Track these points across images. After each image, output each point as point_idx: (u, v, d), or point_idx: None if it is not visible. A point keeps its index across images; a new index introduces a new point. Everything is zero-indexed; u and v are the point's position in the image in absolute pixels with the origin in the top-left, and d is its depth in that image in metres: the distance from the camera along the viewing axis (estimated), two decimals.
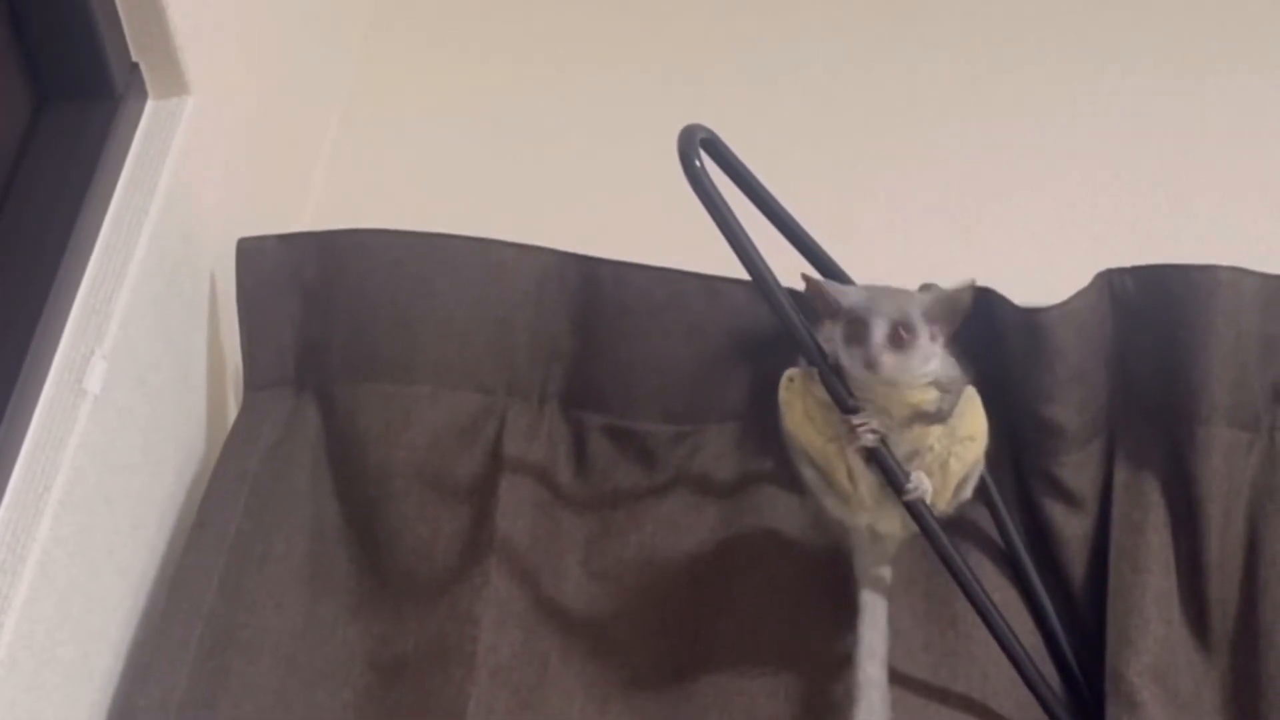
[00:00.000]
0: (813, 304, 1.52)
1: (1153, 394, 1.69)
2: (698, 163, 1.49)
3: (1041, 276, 1.70)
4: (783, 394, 1.56)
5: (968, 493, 1.57)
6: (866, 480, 1.53)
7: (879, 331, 1.46)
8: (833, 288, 1.50)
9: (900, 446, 1.51)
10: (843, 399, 1.49)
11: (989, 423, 1.55)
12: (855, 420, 1.48)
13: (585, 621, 1.69)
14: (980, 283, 1.70)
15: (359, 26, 2.34)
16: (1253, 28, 2.26)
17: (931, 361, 1.49)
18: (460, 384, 1.76)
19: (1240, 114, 2.18)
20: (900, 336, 1.47)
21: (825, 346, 1.50)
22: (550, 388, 1.78)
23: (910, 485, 1.50)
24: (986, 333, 1.70)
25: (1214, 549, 1.64)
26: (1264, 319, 1.67)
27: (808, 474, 1.57)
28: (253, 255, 1.79)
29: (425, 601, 1.69)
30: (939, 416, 1.51)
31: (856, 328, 1.47)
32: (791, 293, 1.52)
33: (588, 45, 2.34)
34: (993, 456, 1.59)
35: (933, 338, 1.49)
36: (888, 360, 1.46)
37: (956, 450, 1.52)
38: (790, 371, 1.55)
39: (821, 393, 1.51)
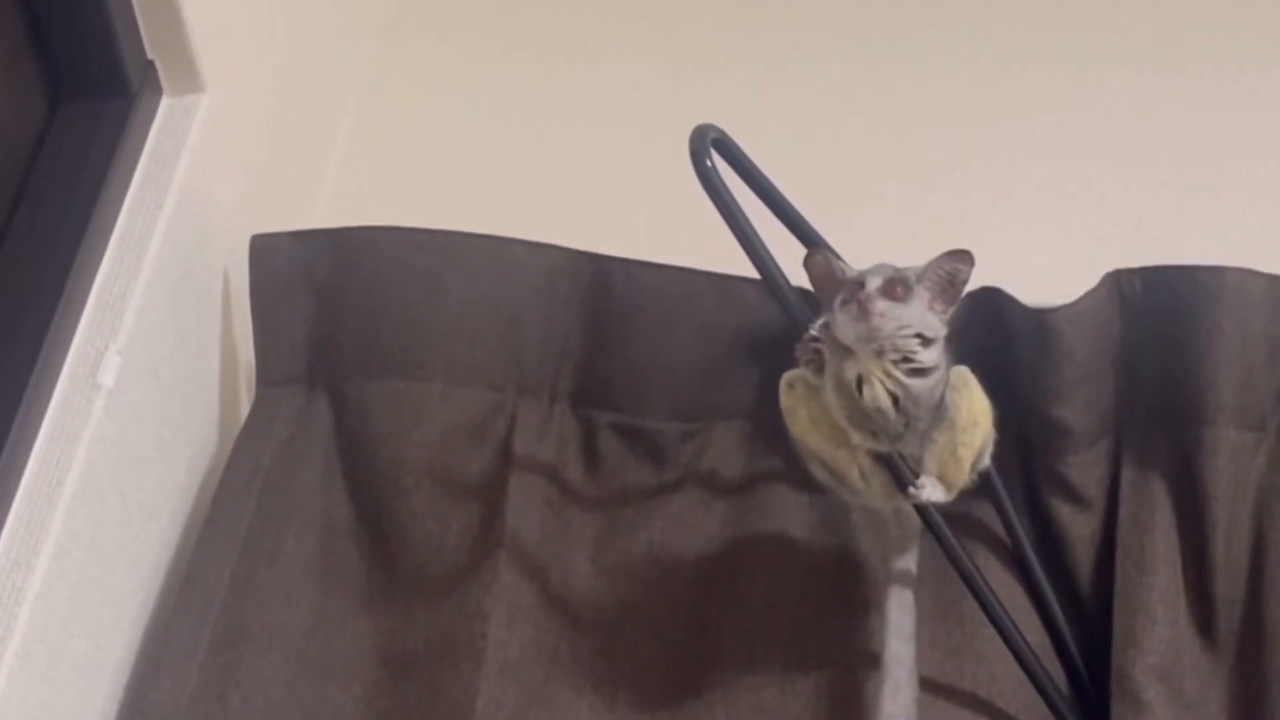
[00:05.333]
0: (819, 286, 1.50)
1: (1160, 394, 1.69)
2: (709, 162, 1.49)
3: (1050, 277, 1.70)
4: (784, 400, 1.54)
5: (985, 463, 1.55)
6: (878, 478, 1.52)
7: (873, 283, 1.45)
8: (838, 264, 1.49)
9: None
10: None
11: (997, 417, 1.54)
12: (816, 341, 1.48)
13: (594, 618, 1.69)
14: (989, 283, 1.71)
15: (373, 25, 2.34)
16: (1261, 27, 2.26)
17: (928, 325, 1.46)
18: (471, 381, 1.77)
19: (1248, 114, 2.18)
20: (895, 290, 1.45)
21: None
22: (560, 385, 1.79)
23: (915, 488, 1.50)
24: (995, 333, 1.70)
25: (1220, 549, 1.64)
26: (1271, 320, 1.68)
27: (819, 473, 1.56)
28: (266, 252, 1.80)
29: (435, 597, 1.70)
30: (924, 370, 1.47)
31: (853, 289, 1.45)
32: (801, 291, 1.52)
33: (600, 43, 2.34)
34: (1000, 456, 1.59)
35: (930, 306, 1.46)
36: (880, 305, 1.43)
37: (962, 439, 1.50)
38: (788, 375, 1.54)
39: (825, 400, 1.51)
